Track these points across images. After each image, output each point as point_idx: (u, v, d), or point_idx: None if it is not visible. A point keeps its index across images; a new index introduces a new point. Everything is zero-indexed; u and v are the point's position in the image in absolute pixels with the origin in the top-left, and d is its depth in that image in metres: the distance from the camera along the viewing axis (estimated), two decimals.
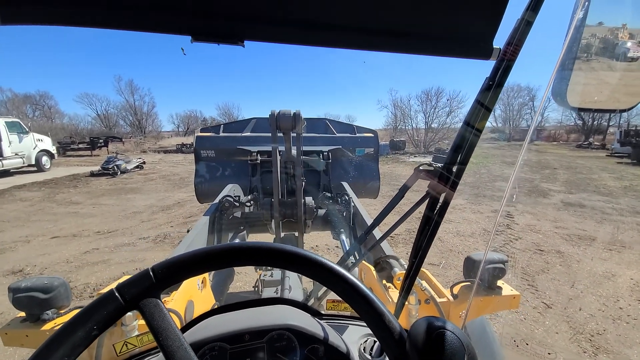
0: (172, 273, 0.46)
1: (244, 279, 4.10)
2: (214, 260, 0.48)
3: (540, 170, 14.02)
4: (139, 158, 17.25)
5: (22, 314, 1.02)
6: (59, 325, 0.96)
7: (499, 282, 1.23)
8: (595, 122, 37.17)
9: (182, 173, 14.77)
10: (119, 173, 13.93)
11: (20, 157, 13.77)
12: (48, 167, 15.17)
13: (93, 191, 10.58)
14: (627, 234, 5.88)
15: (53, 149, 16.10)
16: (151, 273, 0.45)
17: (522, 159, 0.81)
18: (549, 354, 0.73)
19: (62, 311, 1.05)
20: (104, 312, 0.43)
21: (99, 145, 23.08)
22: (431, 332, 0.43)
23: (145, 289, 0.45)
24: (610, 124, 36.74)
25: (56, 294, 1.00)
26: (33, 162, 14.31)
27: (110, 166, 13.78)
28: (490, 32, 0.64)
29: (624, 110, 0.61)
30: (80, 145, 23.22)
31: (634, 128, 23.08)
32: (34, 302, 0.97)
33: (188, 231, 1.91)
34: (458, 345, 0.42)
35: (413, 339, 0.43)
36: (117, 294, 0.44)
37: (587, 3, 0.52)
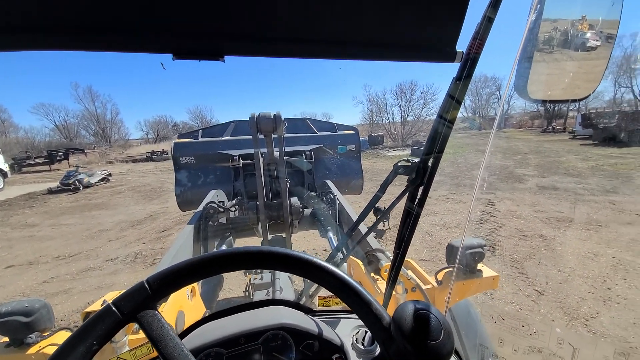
0: (167, 283, 0.46)
1: (227, 296, 3.77)
2: (205, 267, 0.48)
3: (512, 156, 14.58)
4: (104, 170, 16.14)
5: (6, 339, 1.01)
6: (43, 348, 0.99)
7: (479, 266, 1.30)
8: (556, 108, 39.64)
9: (153, 183, 13.96)
10: (82, 188, 12.92)
11: None
12: (1, 186, 13.83)
13: (51, 210, 9.67)
14: (601, 213, 6.10)
15: (5, 167, 14.85)
16: (146, 285, 0.45)
17: (491, 147, 0.87)
18: (523, 326, 0.72)
19: (45, 334, 1.04)
20: (103, 327, 0.43)
21: (58, 158, 21.50)
22: (412, 314, 0.46)
23: (142, 301, 0.45)
24: (570, 108, 39.33)
25: (38, 317, 0.99)
26: None
27: (71, 181, 12.74)
28: (453, 38, 0.69)
29: (580, 100, 0.63)
30: (37, 160, 21.53)
31: (594, 111, 24.91)
32: (16, 327, 0.96)
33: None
34: (436, 323, 0.46)
35: (397, 322, 0.46)
36: (114, 309, 0.44)
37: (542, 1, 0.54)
